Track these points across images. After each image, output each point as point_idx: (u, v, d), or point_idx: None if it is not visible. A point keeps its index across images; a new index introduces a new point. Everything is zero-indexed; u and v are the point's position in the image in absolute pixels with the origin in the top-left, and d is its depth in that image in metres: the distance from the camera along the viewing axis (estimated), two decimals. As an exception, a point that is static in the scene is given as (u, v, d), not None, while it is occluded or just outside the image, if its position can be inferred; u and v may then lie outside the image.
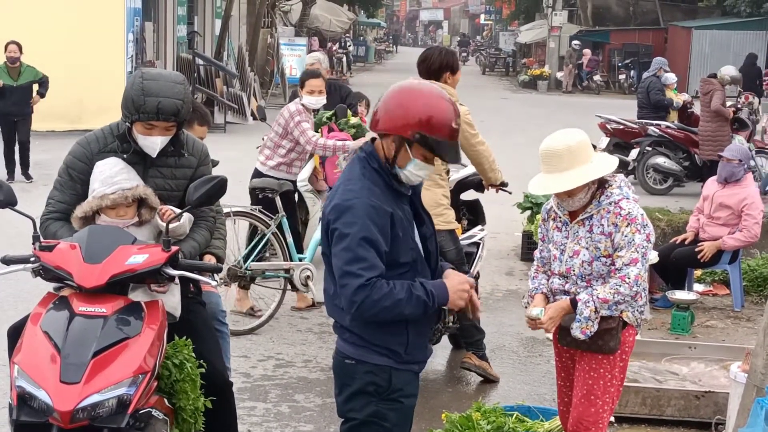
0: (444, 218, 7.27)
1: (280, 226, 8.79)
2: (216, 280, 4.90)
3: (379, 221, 3.99)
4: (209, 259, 5.21)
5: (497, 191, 8.06)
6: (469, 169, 8.17)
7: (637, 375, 7.27)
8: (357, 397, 4.12)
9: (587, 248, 4.97)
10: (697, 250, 9.59)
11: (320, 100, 9.44)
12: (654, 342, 7.99)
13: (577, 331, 4.94)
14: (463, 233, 8.02)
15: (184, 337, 4.65)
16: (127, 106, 4.75)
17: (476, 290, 7.57)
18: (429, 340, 7.36)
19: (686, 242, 9.80)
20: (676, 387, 7.04)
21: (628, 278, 4.85)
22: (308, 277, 8.76)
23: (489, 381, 7.62)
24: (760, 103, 24.33)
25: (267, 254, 9.36)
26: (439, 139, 4.04)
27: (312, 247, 9.15)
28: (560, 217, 5.12)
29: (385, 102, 4.09)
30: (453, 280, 4.21)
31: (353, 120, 10.29)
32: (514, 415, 6.34)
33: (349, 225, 3.96)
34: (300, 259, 8.92)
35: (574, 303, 4.96)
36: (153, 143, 4.82)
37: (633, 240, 4.86)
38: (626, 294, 4.87)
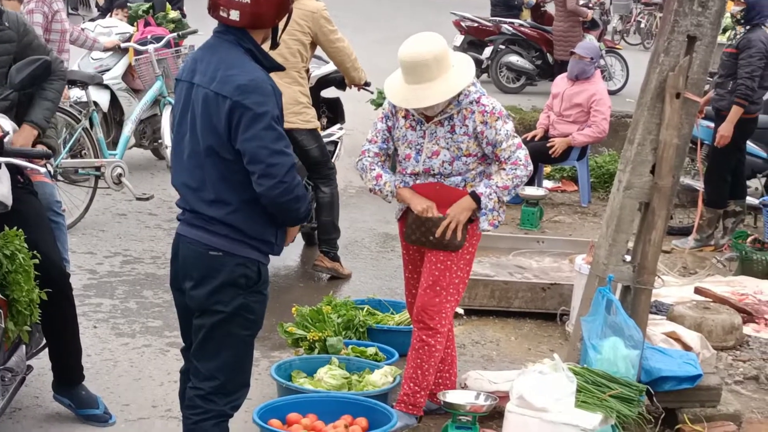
0: (304, 117, 7.13)
1: (90, 121, 8.47)
2: (47, 169, 4.68)
3: (278, 101, 3.89)
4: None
5: (359, 90, 7.95)
6: (330, 66, 8.01)
7: (486, 268, 7.35)
8: (225, 289, 3.97)
9: (447, 148, 4.90)
10: (548, 145, 9.71)
11: None
12: (503, 237, 8.07)
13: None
14: (322, 131, 7.86)
15: (15, 228, 4.48)
16: None
17: (335, 189, 7.56)
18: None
19: (536, 139, 9.90)
20: (523, 280, 7.16)
21: (520, 160, 4.86)
22: (120, 174, 8.55)
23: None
24: (611, 3, 24.72)
25: (84, 152, 8.93)
26: None
27: (122, 144, 8.93)
28: (413, 116, 4.98)
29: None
30: None
31: (172, 14, 9.86)
32: (365, 309, 6.37)
33: (261, 104, 3.80)
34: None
35: (474, 197, 4.89)
36: None
37: (508, 130, 4.87)
38: (523, 175, 4.88)
